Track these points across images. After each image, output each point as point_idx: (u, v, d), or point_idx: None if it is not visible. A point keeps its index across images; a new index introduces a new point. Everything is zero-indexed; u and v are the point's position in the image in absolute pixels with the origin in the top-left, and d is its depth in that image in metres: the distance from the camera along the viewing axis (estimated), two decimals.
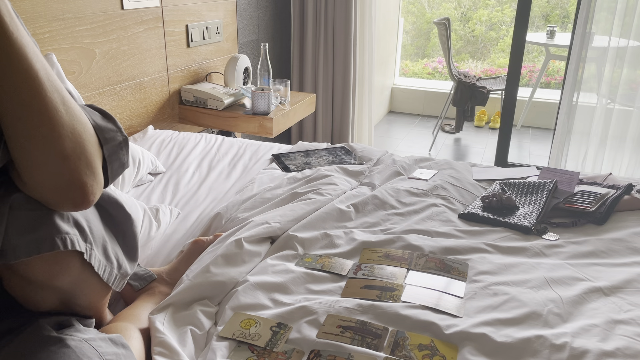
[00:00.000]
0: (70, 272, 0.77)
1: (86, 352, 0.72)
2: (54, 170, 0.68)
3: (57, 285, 0.77)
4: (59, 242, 0.72)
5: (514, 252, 1.23)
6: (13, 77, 0.65)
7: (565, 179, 1.52)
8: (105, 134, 0.76)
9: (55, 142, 0.67)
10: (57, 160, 0.67)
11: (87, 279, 0.80)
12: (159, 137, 1.98)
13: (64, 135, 0.67)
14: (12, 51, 0.64)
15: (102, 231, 0.82)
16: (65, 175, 0.68)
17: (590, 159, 2.99)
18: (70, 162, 0.68)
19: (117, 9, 1.90)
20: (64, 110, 0.68)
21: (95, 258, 0.79)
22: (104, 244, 0.82)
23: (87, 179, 0.70)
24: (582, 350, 0.89)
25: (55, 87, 0.68)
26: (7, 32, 0.63)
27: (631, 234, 1.29)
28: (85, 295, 0.83)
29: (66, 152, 0.68)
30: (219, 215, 1.36)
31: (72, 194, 0.69)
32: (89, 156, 0.71)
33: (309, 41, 3.26)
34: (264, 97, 2.20)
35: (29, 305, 0.80)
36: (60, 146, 0.67)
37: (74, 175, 0.69)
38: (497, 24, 5.63)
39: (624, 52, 2.78)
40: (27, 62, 0.65)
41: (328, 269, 1.14)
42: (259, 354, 0.90)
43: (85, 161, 0.70)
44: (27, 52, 0.65)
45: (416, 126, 4.50)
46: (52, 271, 0.74)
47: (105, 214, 0.85)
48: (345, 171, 1.64)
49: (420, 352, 0.90)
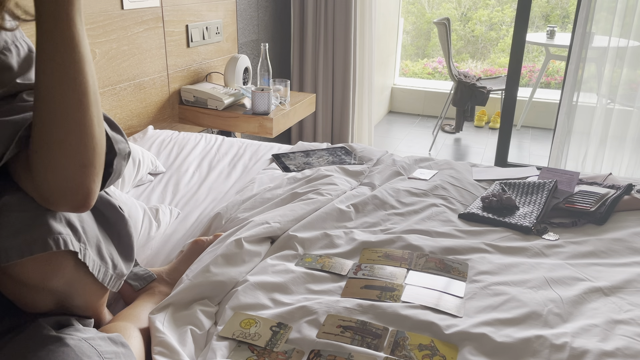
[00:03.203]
0: (64, 273, 0.76)
1: (85, 351, 0.72)
2: (70, 176, 0.69)
3: (51, 287, 0.76)
4: (51, 243, 0.71)
5: (514, 252, 1.23)
6: (66, 83, 0.65)
7: (565, 179, 1.52)
8: (119, 145, 0.77)
9: (82, 152, 0.69)
10: (77, 168, 0.69)
11: (82, 279, 0.80)
12: (159, 137, 1.98)
13: (90, 147, 0.69)
14: (78, 59, 0.65)
15: (96, 231, 0.82)
16: (77, 181, 0.69)
17: (590, 159, 2.99)
18: (86, 171, 0.70)
19: (117, 9, 1.90)
20: (97, 124, 0.70)
21: (89, 258, 0.78)
22: (98, 244, 0.81)
23: (94, 186, 0.72)
24: (582, 350, 0.89)
25: (97, 99, 0.69)
26: (77, 38, 0.65)
27: (631, 234, 1.29)
28: (81, 296, 0.83)
29: (87, 162, 0.69)
30: (219, 215, 1.36)
31: (77, 198, 0.70)
32: (101, 166, 0.73)
33: (309, 41, 3.26)
34: (264, 97, 2.20)
35: (26, 307, 0.79)
36: (84, 156, 0.69)
37: (85, 182, 0.70)
38: (497, 24, 5.63)
39: (624, 52, 2.78)
40: (84, 72, 0.66)
41: (328, 269, 1.14)
42: (259, 353, 0.90)
43: (98, 170, 0.72)
44: (88, 61, 0.66)
45: (416, 126, 4.50)
46: (45, 272, 0.73)
47: (98, 214, 0.84)
48: (345, 171, 1.64)
49: (420, 352, 0.90)
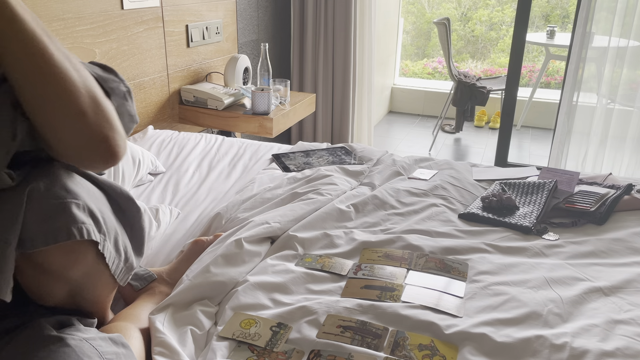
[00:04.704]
0: (86, 262, 0.77)
1: (86, 351, 0.72)
2: (74, 127, 0.70)
3: (71, 276, 0.77)
4: (75, 232, 0.72)
5: (514, 252, 1.23)
6: (18, 43, 0.67)
7: (565, 179, 1.52)
8: (109, 84, 0.77)
9: (70, 99, 0.69)
10: (75, 117, 0.69)
11: (100, 270, 0.81)
12: (159, 137, 1.98)
13: (76, 92, 0.69)
14: (15, 18, 0.66)
15: (115, 223, 0.83)
16: (86, 131, 0.70)
17: (590, 159, 2.99)
18: (88, 118, 0.70)
19: (117, 9, 1.90)
20: (72, 69, 0.70)
21: (107, 249, 0.80)
22: (116, 236, 0.83)
23: (108, 132, 0.72)
24: (582, 350, 0.89)
25: (60, 49, 0.70)
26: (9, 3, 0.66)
27: (631, 234, 1.29)
28: (94, 289, 0.84)
29: (82, 108, 0.70)
30: (219, 215, 1.36)
31: (98, 150, 0.71)
32: (105, 110, 0.72)
33: (309, 41, 3.26)
34: (264, 97, 2.20)
35: (39, 297, 0.80)
36: (75, 102, 0.69)
37: (94, 130, 0.71)
38: (497, 24, 5.63)
39: (624, 52, 2.78)
40: (29, 28, 0.67)
41: (328, 269, 1.14)
42: (259, 354, 0.90)
43: (102, 115, 0.72)
44: (27, 19, 0.68)
45: (416, 126, 4.50)
46: (68, 261, 0.75)
47: (116, 206, 0.86)
48: (345, 171, 1.64)
49: (420, 352, 0.90)
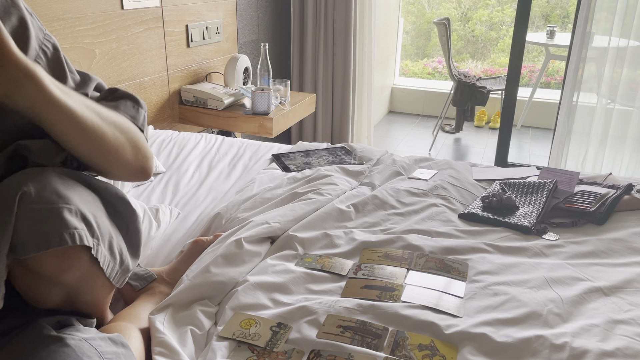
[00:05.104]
0: (80, 267, 0.77)
1: (86, 351, 0.72)
2: (120, 172, 0.87)
3: (65, 280, 0.77)
4: (67, 237, 0.72)
5: (514, 252, 1.23)
6: (67, 133, 0.76)
7: (565, 179, 1.52)
8: (139, 122, 0.91)
9: (118, 155, 0.84)
10: (125, 167, 0.86)
11: (95, 274, 0.81)
12: (159, 137, 1.98)
13: (122, 148, 0.84)
14: (61, 108, 0.73)
15: (109, 226, 0.83)
16: (133, 169, 0.88)
17: (590, 159, 2.99)
18: (132, 165, 0.87)
19: (117, 9, 1.90)
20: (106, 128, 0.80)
21: (101, 254, 0.80)
22: (110, 239, 0.83)
23: (145, 163, 0.90)
24: (582, 350, 0.89)
25: (89, 106, 0.79)
26: (62, 103, 0.73)
27: (631, 234, 1.29)
28: (91, 292, 0.84)
29: (127, 160, 0.86)
30: (219, 215, 1.36)
31: (139, 177, 0.90)
32: (143, 148, 0.89)
33: (309, 41, 3.26)
34: (264, 97, 2.20)
35: (35, 301, 0.80)
36: (122, 157, 0.84)
37: (137, 166, 0.88)
38: (497, 24, 5.63)
39: (624, 52, 2.78)
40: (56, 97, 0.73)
41: (328, 269, 1.14)
42: (259, 354, 0.90)
43: (141, 153, 0.88)
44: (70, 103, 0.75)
45: (416, 126, 4.51)
46: (61, 266, 0.75)
47: (111, 209, 0.86)
48: (345, 171, 1.64)
49: (420, 352, 0.90)
